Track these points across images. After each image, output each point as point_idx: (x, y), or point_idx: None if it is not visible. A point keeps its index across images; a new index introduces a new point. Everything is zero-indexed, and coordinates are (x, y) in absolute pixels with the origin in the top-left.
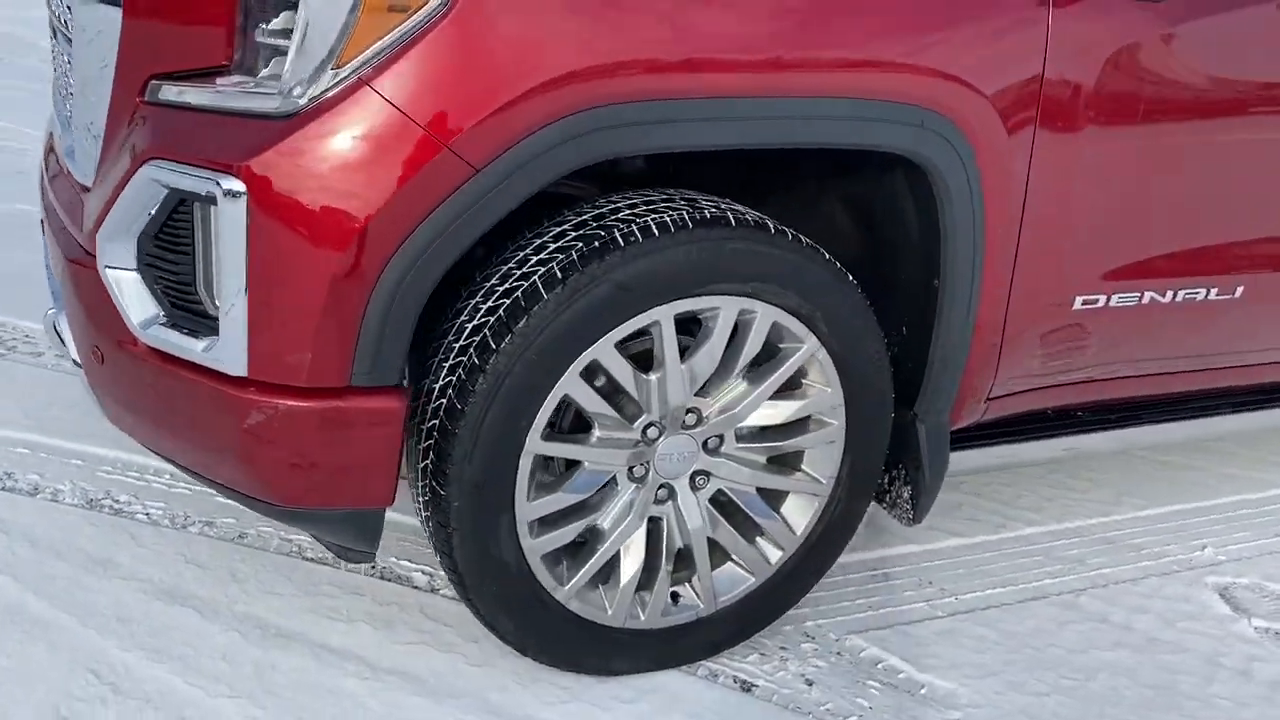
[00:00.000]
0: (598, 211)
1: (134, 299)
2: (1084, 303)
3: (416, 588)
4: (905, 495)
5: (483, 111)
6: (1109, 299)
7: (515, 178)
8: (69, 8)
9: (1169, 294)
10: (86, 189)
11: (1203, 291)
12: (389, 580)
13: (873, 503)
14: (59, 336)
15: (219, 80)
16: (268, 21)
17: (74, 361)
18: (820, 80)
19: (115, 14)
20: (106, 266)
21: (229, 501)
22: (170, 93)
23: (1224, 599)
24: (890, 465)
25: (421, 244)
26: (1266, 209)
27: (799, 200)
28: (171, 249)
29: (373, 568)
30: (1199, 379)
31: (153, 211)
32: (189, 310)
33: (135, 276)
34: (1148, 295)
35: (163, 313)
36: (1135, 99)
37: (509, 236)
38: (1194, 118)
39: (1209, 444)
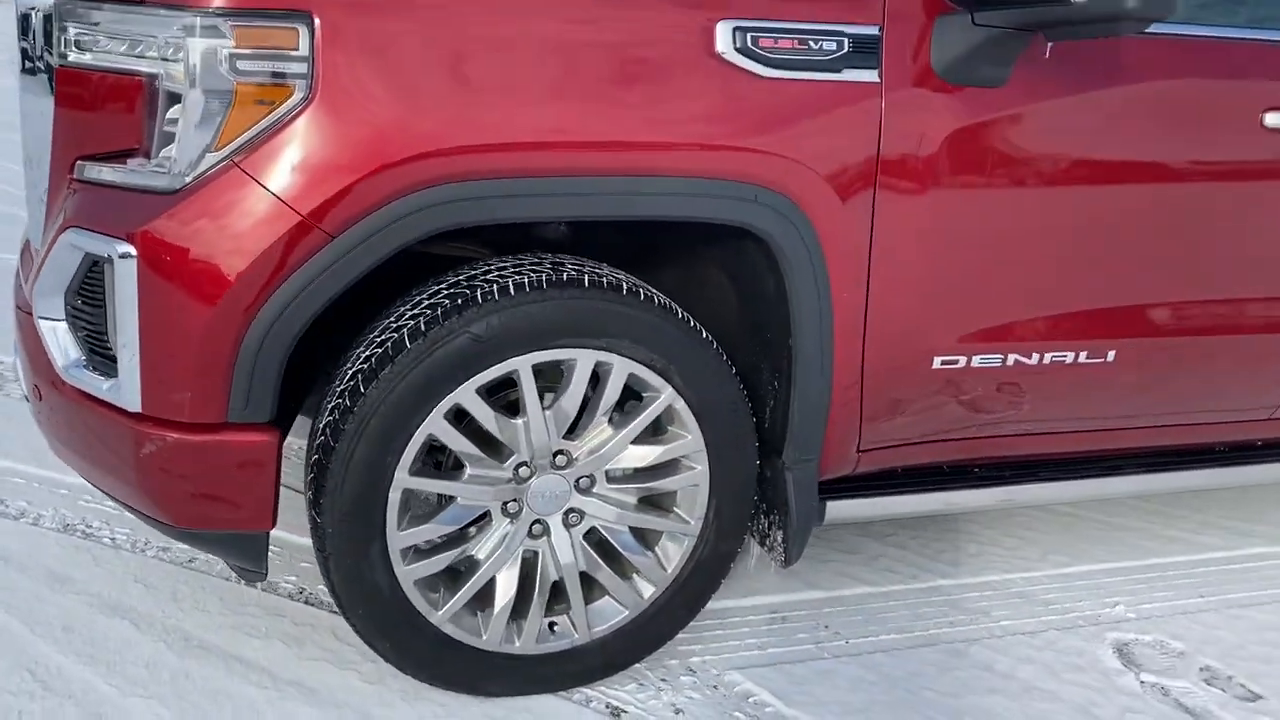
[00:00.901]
0: (471, 273)
1: (61, 345)
2: (943, 363)
3: (332, 610)
4: (779, 539)
5: (337, 187)
6: (969, 360)
7: (367, 245)
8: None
9: (1035, 356)
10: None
11: (1071, 355)
12: (310, 604)
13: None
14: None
15: (129, 161)
16: (163, 113)
17: (24, 397)
18: (652, 160)
19: (50, 103)
20: (40, 317)
21: None
22: (92, 171)
23: (1119, 654)
24: (768, 511)
25: (284, 300)
26: (1132, 278)
27: (691, 266)
28: (90, 303)
29: (300, 591)
30: (1088, 440)
31: (73, 271)
32: (103, 355)
33: (63, 326)
34: (1011, 357)
35: (83, 357)
36: (972, 175)
37: None
38: (1036, 192)
39: (1158, 505)
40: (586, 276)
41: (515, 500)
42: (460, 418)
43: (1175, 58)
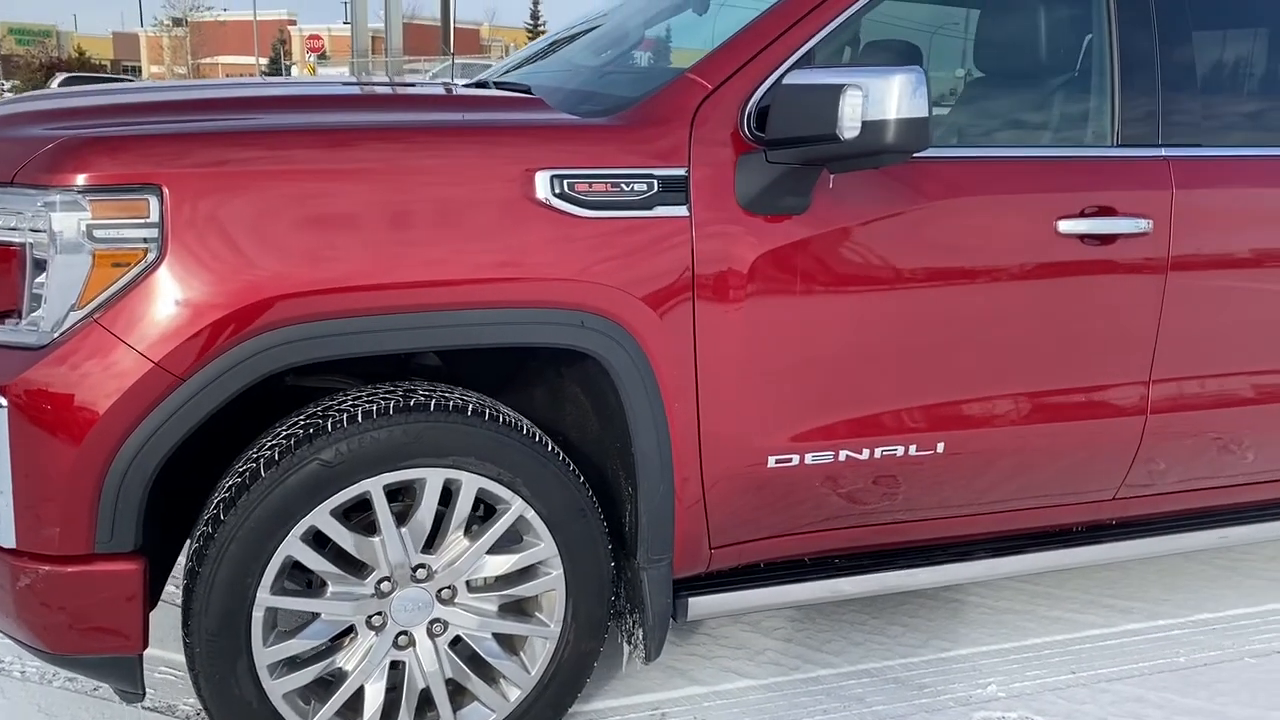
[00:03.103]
0: (328, 403)
1: None
2: (778, 462)
3: None
4: (640, 636)
5: (184, 336)
6: (803, 458)
7: (215, 385)
8: None
9: (865, 452)
10: None
11: (900, 448)
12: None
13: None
14: None
15: (5, 321)
16: (32, 278)
17: None
18: (482, 294)
19: None
20: None
21: None
22: None
23: None
24: (630, 609)
25: (142, 439)
26: (946, 375)
27: (556, 385)
28: None
29: (198, 713)
30: (938, 526)
31: None
32: None
33: None
34: (843, 453)
35: None
36: (780, 292)
37: None
38: (844, 302)
39: (1045, 587)
40: (434, 400)
41: (379, 613)
42: (323, 538)
43: (977, 176)
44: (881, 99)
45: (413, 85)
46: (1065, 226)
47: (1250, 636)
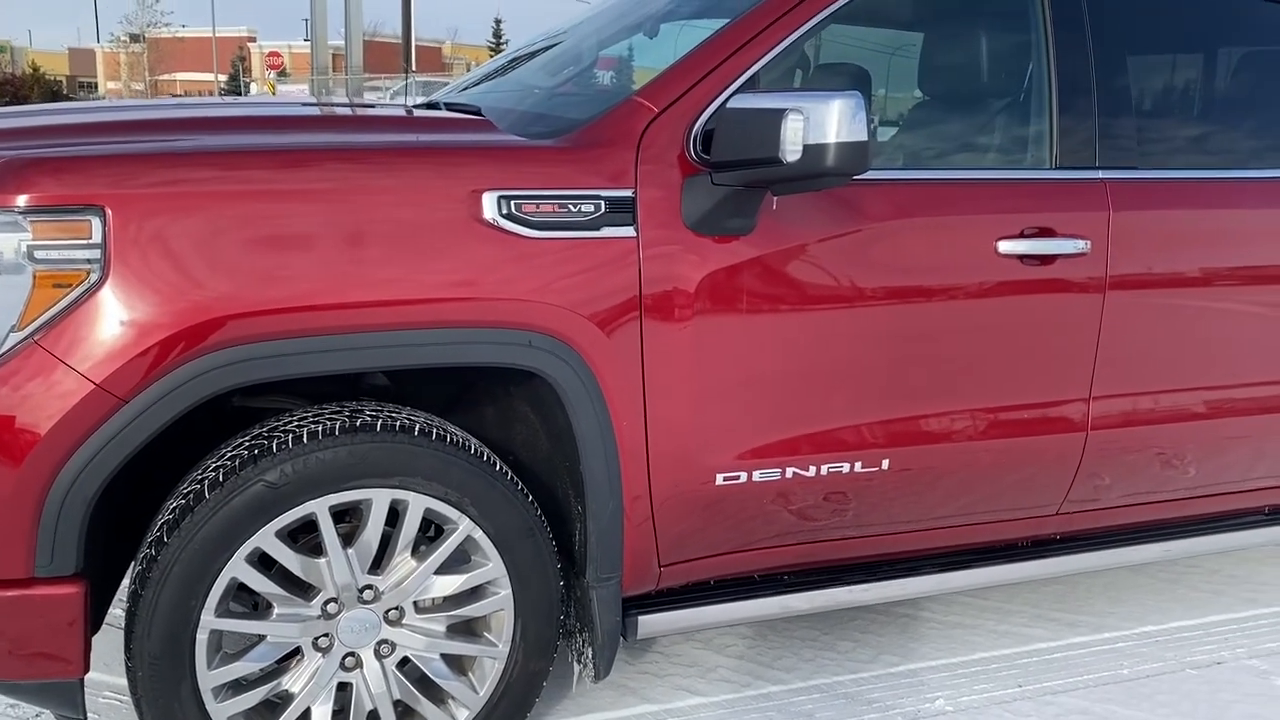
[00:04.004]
0: (274, 424)
1: None
2: (726, 479)
3: None
4: (590, 655)
5: (125, 358)
6: (751, 475)
7: (156, 407)
8: None
9: (811, 469)
10: None
11: (846, 465)
12: None
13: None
14: None
15: None
16: None
17: None
18: (429, 314)
19: None
20: None
21: None
22: None
23: None
24: (580, 629)
25: (83, 461)
26: (890, 393)
27: (507, 405)
28: None
29: None
30: (887, 542)
31: None
32: None
33: None
34: (790, 470)
35: None
36: (727, 311)
37: None
38: (790, 321)
39: (995, 602)
40: (380, 421)
41: (326, 635)
42: (269, 560)
43: (919, 197)
44: (822, 123)
45: (371, 106)
46: (1005, 247)
47: (1192, 648)
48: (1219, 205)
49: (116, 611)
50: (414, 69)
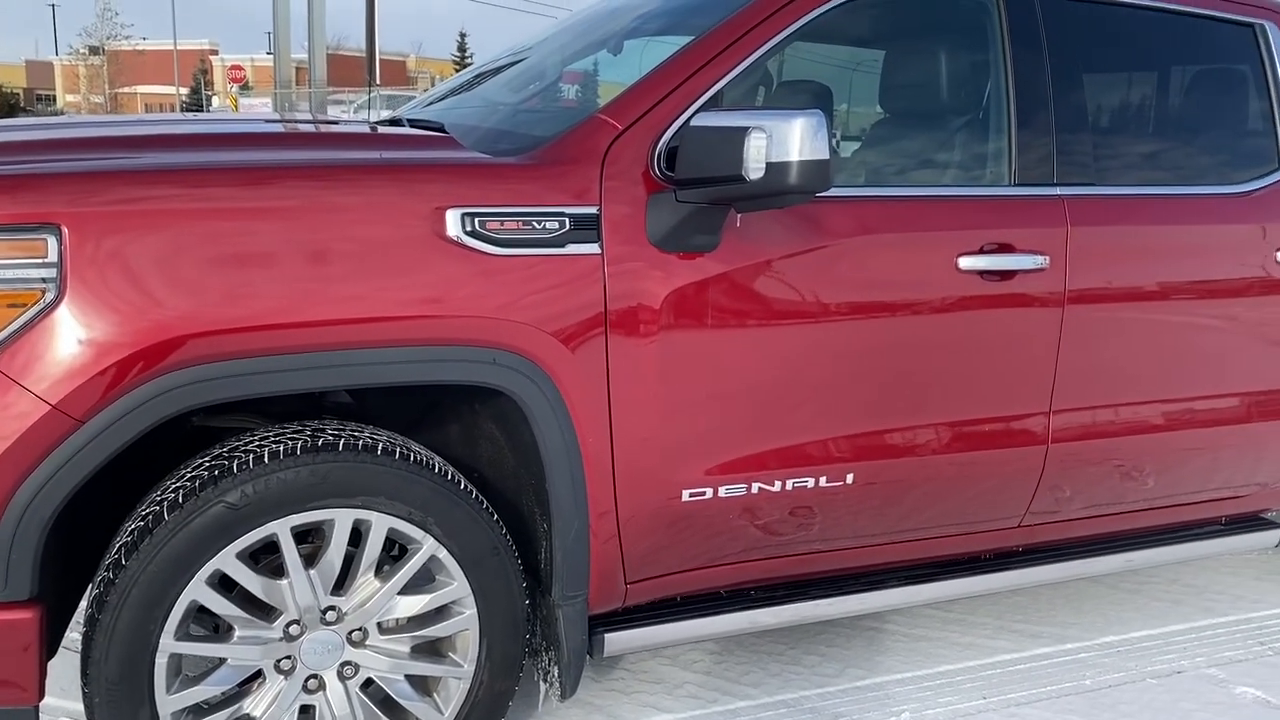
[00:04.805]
0: (234, 443)
1: None
2: (692, 495)
3: None
4: (556, 674)
5: (83, 377)
6: (717, 491)
7: (114, 428)
8: None
9: (777, 484)
10: None
11: (811, 480)
12: None
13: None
14: None
15: None
16: None
17: None
18: (392, 332)
19: None
20: None
21: None
22: None
23: None
24: (546, 647)
25: (38, 484)
26: (854, 407)
27: (471, 422)
28: None
29: None
30: (853, 556)
31: None
32: None
33: None
34: (755, 485)
35: None
36: (692, 328)
37: None
38: (754, 337)
39: (959, 614)
40: (342, 440)
41: (288, 657)
42: (229, 582)
43: (881, 214)
44: (784, 141)
45: (335, 122)
46: (965, 263)
47: (1153, 657)
48: (1173, 221)
49: (74, 635)
50: (378, 82)
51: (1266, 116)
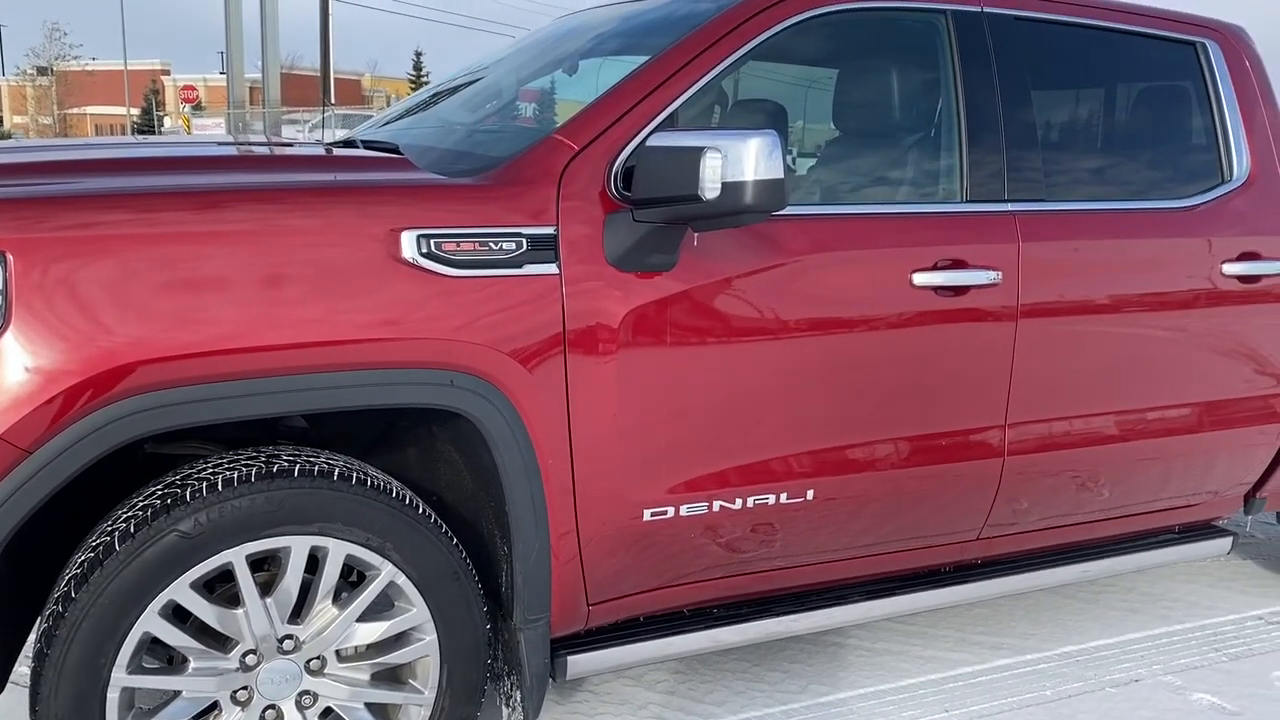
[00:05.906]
0: (187, 471)
1: None
2: (654, 515)
3: None
4: (518, 698)
5: (29, 406)
6: (678, 509)
7: (65, 456)
8: None
9: (738, 501)
10: None
11: (772, 497)
12: None
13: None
14: None
15: None
16: None
17: None
18: (348, 355)
19: None
20: None
21: None
22: None
23: None
24: (508, 671)
25: None
26: (811, 425)
27: (430, 446)
28: None
29: None
30: (817, 571)
31: None
32: None
33: None
34: (716, 504)
35: None
36: (651, 346)
37: None
38: (712, 355)
39: (920, 627)
40: (298, 466)
41: (245, 688)
42: (184, 612)
43: (836, 232)
44: (739, 161)
45: (289, 144)
46: (920, 279)
47: (1111, 666)
48: (1122, 235)
49: (22, 669)
50: (333, 102)
51: (1209, 132)
